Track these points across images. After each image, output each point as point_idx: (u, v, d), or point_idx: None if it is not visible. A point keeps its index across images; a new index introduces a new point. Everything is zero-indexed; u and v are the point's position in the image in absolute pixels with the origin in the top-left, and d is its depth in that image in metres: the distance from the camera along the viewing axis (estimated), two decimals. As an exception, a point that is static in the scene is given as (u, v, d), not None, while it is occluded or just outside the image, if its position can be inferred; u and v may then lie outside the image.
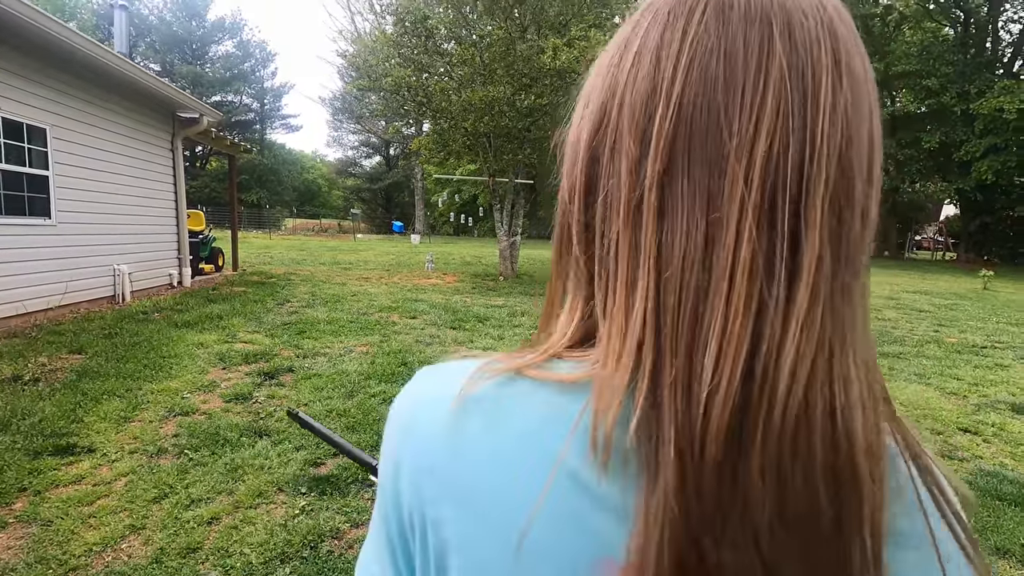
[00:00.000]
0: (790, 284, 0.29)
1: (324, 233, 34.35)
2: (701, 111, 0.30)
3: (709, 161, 0.30)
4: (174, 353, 4.96)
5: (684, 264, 0.30)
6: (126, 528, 2.51)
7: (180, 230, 8.93)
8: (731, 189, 0.30)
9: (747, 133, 0.29)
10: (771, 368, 0.28)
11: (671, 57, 0.32)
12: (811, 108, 0.30)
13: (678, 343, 0.30)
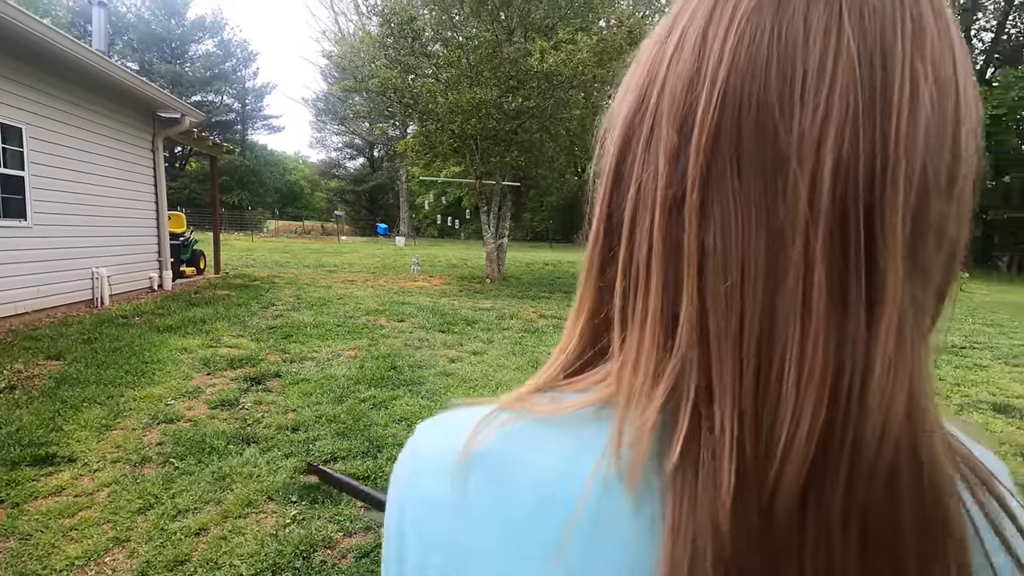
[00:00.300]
0: (869, 314, 0.25)
1: (307, 235, 33.99)
2: (750, 101, 0.26)
3: (763, 161, 0.26)
4: (157, 358, 4.84)
5: (744, 277, 0.26)
6: (110, 541, 2.43)
7: (160, 232, 8.75)
8: (794, 197, 0.25)
9: (812, 133, 0.25)
10: (855, 405, 0.25)
11: (718, 37, 0.27)
12: (883, 107, 0.25)
13: (743, 366, 0.26)
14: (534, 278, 13.19)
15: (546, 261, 18.35)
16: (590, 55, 9.58)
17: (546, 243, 32.26)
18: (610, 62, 10.22)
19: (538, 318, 7.67)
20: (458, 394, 4.28)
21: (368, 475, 2.99)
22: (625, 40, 10.68)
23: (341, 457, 3.20)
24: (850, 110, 0.25)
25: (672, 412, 0.27)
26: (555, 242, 32.72)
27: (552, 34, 10.22)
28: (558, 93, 10.22)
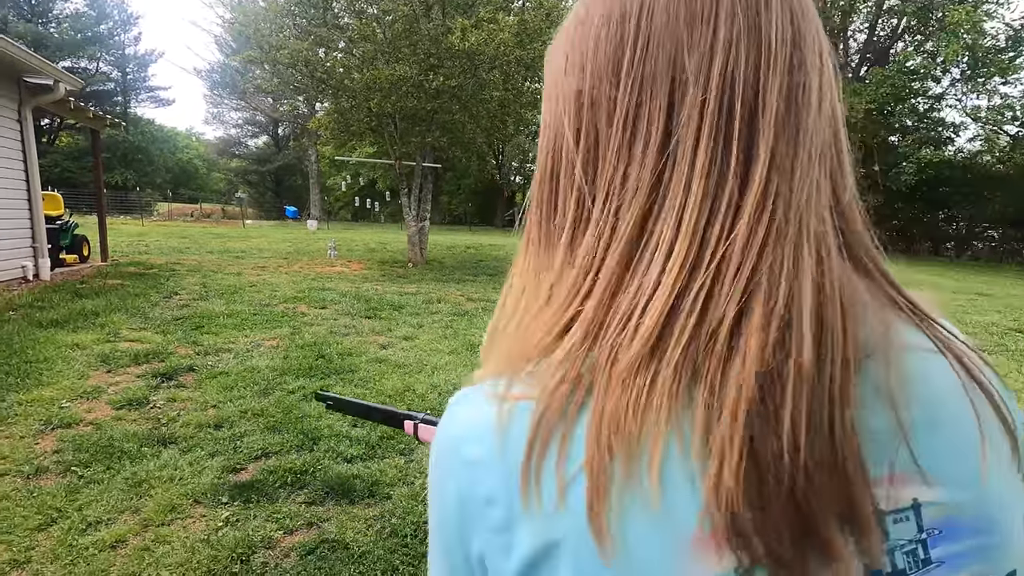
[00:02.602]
0: (746, 169, 0.31)
1: (207, 219, 31.43)
2: (664, 42, 0.33)
3: (672, 82, 0.32)
4: (42, 357, 4.28)
5: (638, 196, 0.33)
6: (5, 564, 2.14)
7: (34, 215, 7.69)
8: (692, 102, 0.32)
9: (704, 50, 0.32)
10: (723, 246, 0.30)
11: (635, 2, 0.34)
12: (764, 11, 0.32)
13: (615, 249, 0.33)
14: (457, 261, 13.07)
15: (467, 244, 18.24)
16: (511, 35, 9.52)
17: (465, 226, 32.05)
18: (531, 43, 10.22)
19: (466, 301, 7.62)
20: (393, 380, 4.16)
21: (306, 470, 2.84)
22: (544, 22, 10.72)
23: (274, 452, 3.01)
24: (733, 29, 0.32)
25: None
26: (474, 225, 32.60)
27: (472, 12, 10.02)
28: (480, 73, 10.08)
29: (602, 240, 0.34)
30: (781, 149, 0.31)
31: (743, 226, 0.30)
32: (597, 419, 0.29)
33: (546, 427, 0.30)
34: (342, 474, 2.80)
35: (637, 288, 0.31)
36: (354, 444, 3.13)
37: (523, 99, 12.26)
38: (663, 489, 0.28)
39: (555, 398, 0.30)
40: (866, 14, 25.38)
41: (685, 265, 0.30)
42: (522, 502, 0.30)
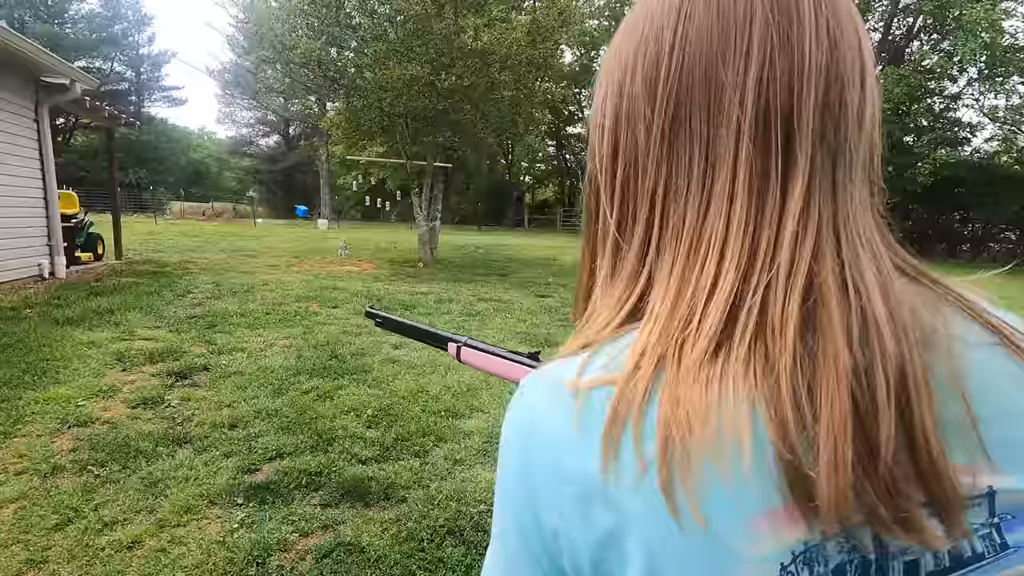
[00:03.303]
0: (785, 189, 0.33)
1: (219, 218, 31.67)
2: (700, 58, 0.35)
3: (708, 100, 0.34)
4: (59, 355, 4.31)
5: (687, 203, 0.35)
6: (23, 564, 2.13)
7: (50, 214, 7.77)
8: (728, 117, 0.34)
9: (739, 68, 0.33)
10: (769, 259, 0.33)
11: (670, 24, 0.36)
12: (796, 30, 0.33)
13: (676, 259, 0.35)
14: (468, 261, 13.05)
15: (477, 244, 18.23)
16: (523, 35, 9.48)
17: (474, 226, 32.06)
18: (543, 42, 10.19)
19: (477, 301, 7.60)
20: (406, 381, 4.14)
21: (321, 471, 2.82)
22: (556, 21, 10.67)
23: (288, 453, 2.99)
24: (766, 46, 0.33)
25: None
26: (483, 225, 32.60)
27: (484, 11, 9.99)
28: (491, 72, 10.05)
29: (652, 241, 0.37)
30: (819, 162, 0.33)
31: (789, 234, 0.32)
32: (668, 406, 0.31)
33: (624, 408, 0.32)
34: (357, 476, 2.78)
35: (693, 289, 0.34)
36: (368, 445, 3.11)
37: (534, 99, 12.23)
38: (738, 467, 0.29)
39: (629, 383, 0.32)
40: (881, 12, 25.06)
41: (740, 268, 0.33)
42: (601, 479, 0.31)
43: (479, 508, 2.57)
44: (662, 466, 0.30)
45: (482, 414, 3.63)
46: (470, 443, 3.21)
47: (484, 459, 3.06)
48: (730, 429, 0.30)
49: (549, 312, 7.03)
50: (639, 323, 0.36)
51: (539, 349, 0.83)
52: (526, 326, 6.19)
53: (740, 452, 0.30)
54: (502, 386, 4.03)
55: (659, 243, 0.37)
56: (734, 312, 0.32)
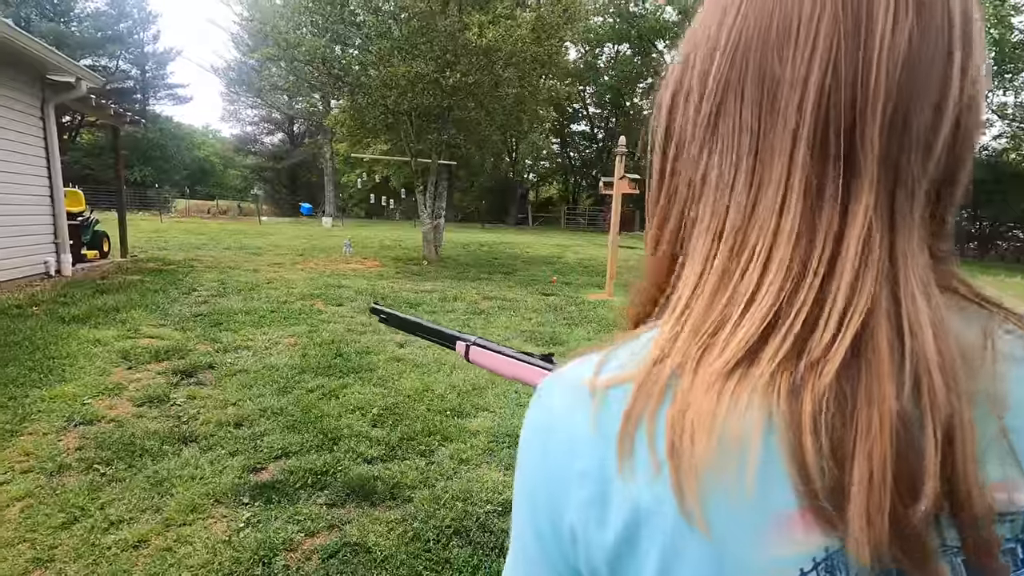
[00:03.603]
0: (843, 212, 0.31)
1: (223, 215, 31.75)
2: (755, 49, 0.33)
3: (761, 96, 0.33)
4: (65, 353, 4.31)
5: (731, 199, 0.34)
6: (29, 562, 2.13)
7: (56, 211, 7.79)
8: (783, 119, 0.32)
9: (800, 69, 0.31)
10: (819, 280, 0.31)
11: (733, 5, 0.34)
12: (866, 36, 0.30)
13: (712, 261, 0.34)
14: (472, 259, 13.03)
15: (481, 242, 18.21)
16: (528, 31, 9.44)
17: (477, 224, 32.04)
18: (548, 39, 10.15)
19: (482, 300, 7.58)
20: (412, 380, 4.13)
21: (327, 470, 2.81)
22: (561, 18, 10.63)
23: (294, 452, 2.99)
24: (832, 49, 0.30)
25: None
26: (487, 223, 32.57)
27: (489, 8, 9.95)
28: (496, 69, 10.01)
29: (686, 232, 0.36)
30: (882, 185, 0.31)
31: (851, 259, 0.30)
32: (678, 411, 0.30)
33: (639, 407, 0.31)
34: (362, 475, 2.77)
35: (731, 295, 0.33)
36: (374, 445, 3.10)
37: (539, 96, 12.19)
38: (742, 479, 0.29)
39: (646, 383, 0.32)
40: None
41: (785, 283, 0.31)
42: (617, 476, 0.31)
43: (485, 508, 2.56)
44: (672, 470, 0.30)
45: (488, 413, 3.61)
46: (476, 442, 3.19)
47: (490, 459, 3.04)
48: (736, 441, 0.29)
49: (554, 311, 7.00)
50: (660, 320, 0.35)
51: (552, 351, 0.81)
52: (531, 324, 6.17)
53: (745, 464, 0.29)
54: (508, 385, 4.01)
55: (693, 235, 0.36)
56: (769, 328, 0.31)
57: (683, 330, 0.33)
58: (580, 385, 0.34)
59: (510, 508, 2.50)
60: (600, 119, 37.34)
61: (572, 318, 6.58)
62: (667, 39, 32.74)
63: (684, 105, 0.37)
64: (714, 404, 0.30)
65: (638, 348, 0.34)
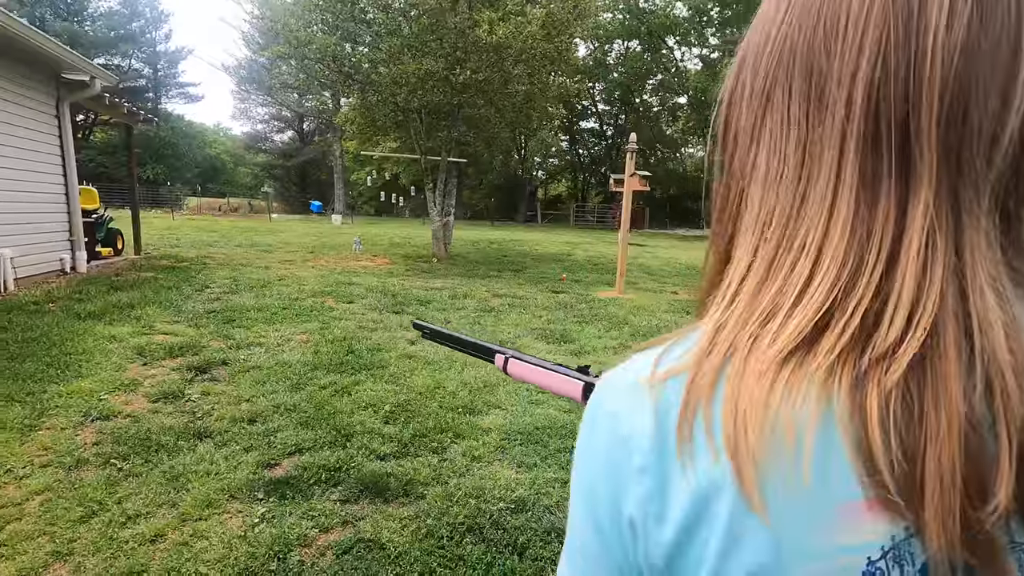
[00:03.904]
0: (902, 202, 0.30)
1: (234, 213, 32.00)
2: (802, 46, 0.33)
3: (808, 93, 0.33)
4: (81, 349, 4.36)
5: (781, 179, 0.34)
6: (49, 556, 2.16)
7: (71, 209, 7.88)
8: (831, 115, 0.32)
9: (848, 65, 0.31)
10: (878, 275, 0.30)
11: (782, 5, 0.35)
12: (920, 25, 0.29)
13: (760, 249, 0.35)
14: (481, 256, 13.03)
15: (491, 239, 18.21)
16: (538, 28, 9.40)
17: (486, 221, 32.04)
18: (558, 36, 10.10)
19: (492, 297, 7.58)
20: (423, 377, 4.13)
21: (340, 467, 2.82)
22: (571, 14, 10.58)
23: (307, 448, 3.00)
24: (881, 42, 0.30)
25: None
26: (496, 220, 32.57)
27: (499, 5, 9.92)
28: (506, 66, 9.99)
29: (738, 222, 0.37)
30: (943, 177, 0.30)
31: (915, 252, 0.30)
32: (730, 401, 0.31)
33: (695, 396, 0.32)
34: (376, 472, 2.78)
35: (781, 285, 0.33)
36: (386, 441, 3.11)
37: (548, 93, 12.14)
38: (797, 470, 0.29)
39: (699, 372, 0.32)
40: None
41: (840, 275, 0.31)
42: (677, 464, 0.32)
43: (498, 506, 2.56)
44: (730, 456, 0.30)
45: (500, 411, 3.61)
46: (488, 440, 3.19)
47: (502, 456, 3.04)
48: (790, 430, 0.30)
49: (565, 308, 6.99)
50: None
51: (588, 364, 0.82)
52: (542, 322, 6.16)
53: (801, 453, 0.29)
54: (519, 383, 4.01)
55: (742, 227, 0.36)
56: (823, 320, 0.31)
57: (731, 319, 0.33)
58: (637, 381, 0.35)
59: (523, 506, 2.49)
60: (609, 116, 37.18)
61: (583, 316, 6.57)
62: (677, 35, 32.53)
63: (739, 102, 0.38)
64: (766, 393, 0.30)
65: (694, 339, 0.35)
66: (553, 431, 3.30)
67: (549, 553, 2.26)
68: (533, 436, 3.24)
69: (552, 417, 3.50)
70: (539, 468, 2.91)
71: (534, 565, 2.20)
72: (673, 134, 36.28)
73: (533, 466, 2.93)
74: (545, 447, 3.13)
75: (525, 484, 2.75)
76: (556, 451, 3.08)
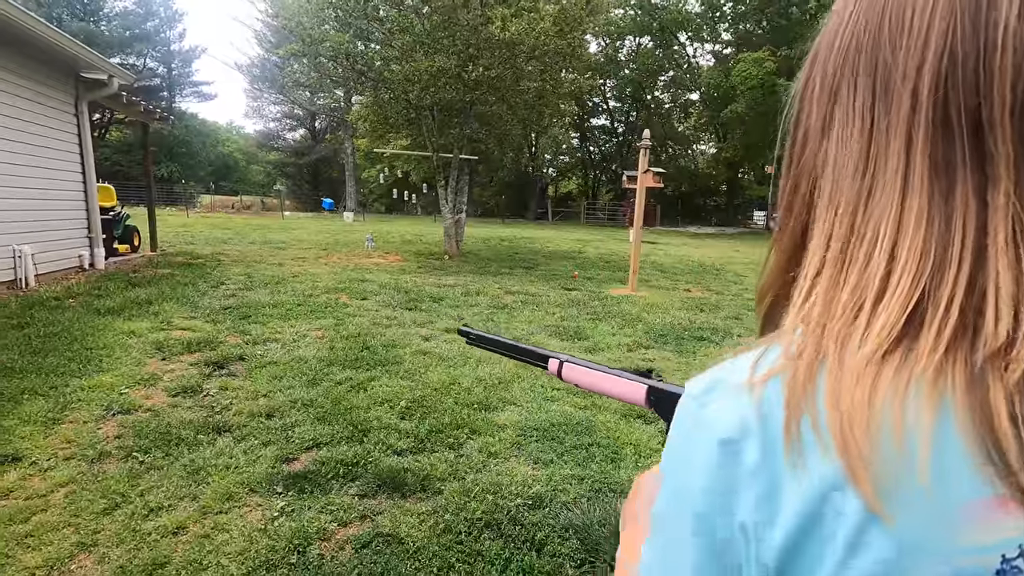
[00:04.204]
0: (980, 192, 0.30)
1: (247, 210, 32.28)
2: (868, 41, 0.34)
3: (873, 86, 0.33)
4: (101, 344, 4.42)
5: (847, 182, 0.34)
6: (74, 546, 2.19)
7: (90, 206, 7.99)
8: (896, 107, 0.32)
9: (914, 58, 0.31)
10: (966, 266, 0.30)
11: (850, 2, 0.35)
12: (987, 21, 0.29)
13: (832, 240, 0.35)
14: (493, 254, 13.04)
15: (502, 237, 18.21)
16: (551, 24, 9.37)
17: (497, 218, 32.04)
18: (570, 32, 10.06)
19: (504, 294, 7.58)
20: (438, 373, 4.15)
21: (357, 461, 2.84)
22: (584, 11, 10.52)
23: (325, 443, 3.02)
24: (948, 34, 0.30)
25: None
26: (506, 218, 32.56)
27: (511, 1, 9.89)
28: (518, 63, 9.97)
29: (808, 217, 0.37)
30: (1022, 165, 0.29)
31: (1001, 249, 0.29)
32: (831, 405, 0.30)
33: (795, 397, 0.31)
34: (393, 467, 2.79)
35: (857, 281, 0.32)
36: (403, 437, 3.12)
37: (560, 90, 12.10)
38: (927, 462, 0.29)
39: (794, 375, 0.32)
40: None
41: (920, 268, 0.31)
42: (786, 466, 0.31)
43: (515, 502, 2.56)
44: (840, 455, 0.30)
45: (515, 407, 3.61)
46: (504, 436, 3.19)
47: (518, 452, 3.04)
48: (900, 430, 0.29)
49: (577, 305, 6.97)
50: None
51: (651, 368, 0.78)
52: (555, 319, 6.15)
53: (915, 452, 0.29)
54: (534, 379, 4.01)
55: (812, 223, 0.36)
56: (914, 316, 0.30)
57: (813, 317, 0.33)
58: (740, 384, 0.34)
59: (540, 502, 2.49)
60: (620, 113, 36.99)
61: (596, 313, 6.55)
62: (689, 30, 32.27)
63: (809, 99, 0.38)
64: (867, 393, 0.30)
65: (784, 342, 0.35)
66: (569, 428, 3.30)
67: (567, 550, 2.26)
68: (549, 432, 3.24)
69: (568, 414, 3.49)
70: (555, 465, 2.91)
71: (552, 561, 2.20)
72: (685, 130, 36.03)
73: (549, 462, 2.93)
74: (561, 443, 3.12)
75: (542, 480, 2.75)
76: (572, 448, 3.08)
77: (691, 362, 4.85)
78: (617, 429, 3.31)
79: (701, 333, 5.78)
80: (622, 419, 3.44)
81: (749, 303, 7.81)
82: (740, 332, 6.00)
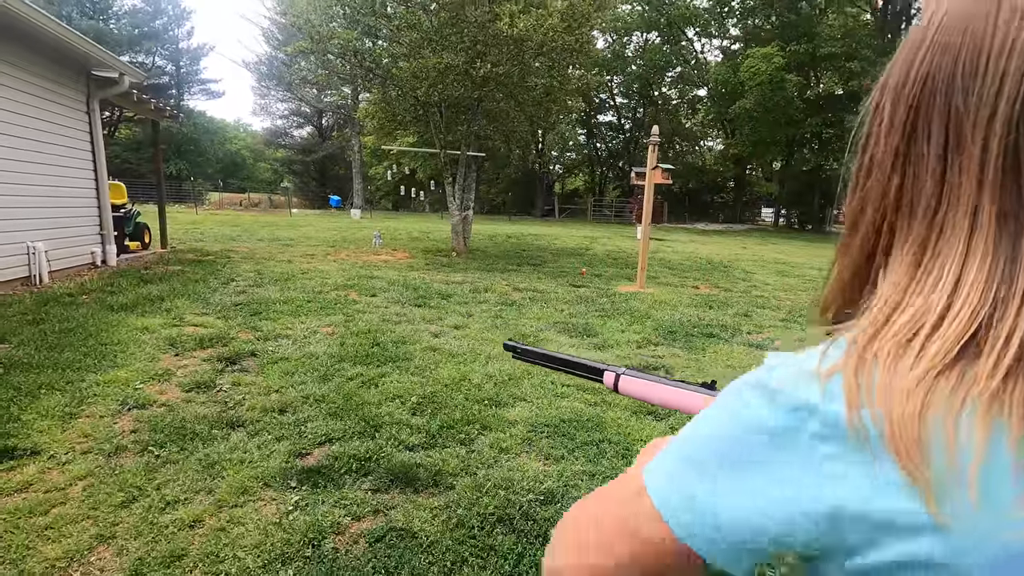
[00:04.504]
0: None
1: (255, 208, 32.44)
2: (941, 85, 0.34)
3: (946, 130, 0.34)
4: (116, 339, 4.47)
5: (919, 223, 0.36)
6: (93, 538, 2.22)
7: (102, 203, 8.06)
8: (968, 154, 0.33)
9: (986, 105, 0.32)
10: None
11: (930, 26, 0.36)
12: None
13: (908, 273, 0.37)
14: (500, 251, 13.04)
15: (508, 234, 18.21)
16: (559, 20, 9.34)
17: (504, 216, 32.03)
18: (579, 28, 10.02)
19: (512, 291, 7.59)
20: (449, 369, 4.16)
21: (370, 457, 2.86)
22: (592, 7, 10.48)
23: (337, 438, 3.04)
24: (1022, 85, 0.31)
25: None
26: (513, 215, 32.54)
27: (520, -3, 9.86)
28: (526, 59, 9.95)
29: (879, 245, 0.39)
30: None
31: None
32: (884, 409, 0.32)
33: (854, 395, 0.33)
34: (405, 462, 2.81)
35: (919, 309, 0.34)
36: (414, 432, 3.14)
37: (568, 86, 12.07)
38: (977, 479, 0.30)
39: (853, 376, 0.33)
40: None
41: (984, 303, 0.32)
42: (856, 455, 0.32)
43: (527, 497, 2.57)
44: (895, 457, 0.31)
45: (525, 403, 3.62)
46: (515, 432, 3.21)
47: (529, 448, 3.05)
48: (952, 448, 0.30)
49: (585, 302, 6.97)
50: None
51: (715, 379, 0.75)
52: (564, 316, 6.15)
53: (965, 470, 0.30)
54: (544, 376, 4.02)
55: (880, 247, 0.39)
56: (969, 343, 0.32)
57: (873, 330, 0.35)
58: (812, 371, 0.35)
59: (552, 498, 2.50)
60: (627, 109, 36.85)
61: (604, 310, 6.54)
62: (697, 26, 32.07)
63: (878, 128, 0.39)
64: (919, 408, 0.31)
65: (843, 345, 0.36)
66: (579, 424, 3.31)
67: (579, 544, 2.27)
68: (560, 429, 3.25)
69: (578, 410, 3.50)
70: (567, 460, 2.92)
71: (565, 556, 2.20)
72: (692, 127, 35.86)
73: (561, 458, 2.94)
74: (572, 440, 3.13)
75: (553, 476, 2.76)
76: (583, 444, 3.09)
77: (700, 359, 4.84)
78: (628, 425, 3.31)
79: (710, 330, 5.77)
80: (632, 415, 3.45)
81: (758, 300, 7.78)
82: (749, 329, 5.98)
